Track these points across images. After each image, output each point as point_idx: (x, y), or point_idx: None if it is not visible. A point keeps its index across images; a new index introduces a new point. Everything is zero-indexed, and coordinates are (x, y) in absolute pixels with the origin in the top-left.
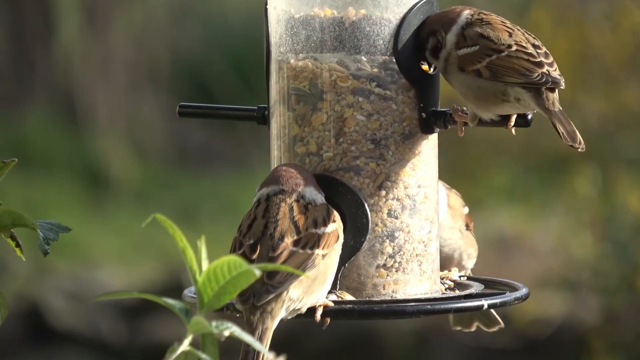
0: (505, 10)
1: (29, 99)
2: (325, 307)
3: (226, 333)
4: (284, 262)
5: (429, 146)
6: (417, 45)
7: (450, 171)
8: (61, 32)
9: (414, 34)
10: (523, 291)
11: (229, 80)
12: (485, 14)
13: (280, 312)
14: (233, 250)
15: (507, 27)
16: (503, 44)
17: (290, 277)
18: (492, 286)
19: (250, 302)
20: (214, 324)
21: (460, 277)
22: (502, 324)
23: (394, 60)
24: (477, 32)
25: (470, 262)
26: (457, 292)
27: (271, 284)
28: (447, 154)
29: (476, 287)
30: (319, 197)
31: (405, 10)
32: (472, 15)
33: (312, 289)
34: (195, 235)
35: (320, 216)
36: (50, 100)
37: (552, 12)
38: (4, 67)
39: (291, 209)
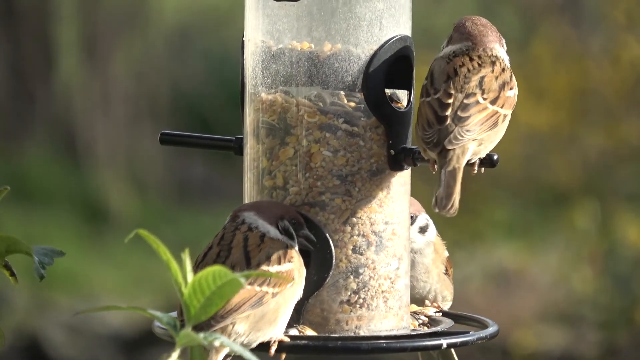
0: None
1: (28, 133)
2: (281, 342)
3: (216, 343)
4: (229, 299)
5: (399, 183)
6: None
7: None
8: (61, 66)
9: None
10: (490, 330)
11: (228, 114)
12: (464, 54)
13: (225, 348)
14: None
15: (456, 69)
16: (434, 88)
17: (233, 312)
18: (465, 322)
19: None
20: (202, 335)
21: (435, 312)
22: None
23: (363, 96)
24: (434, 65)
25: (445, 305)
26: (426, 329)
27: (214, 317)
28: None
29: (446, 324)
30: (273, 231)
31: (376, 47)
32: (462, 50)
33: (259, 326)
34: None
35: (276, 253)
36: (50, 134)
37: (553, 46)
38: (3, 101)
39: (245, 239)
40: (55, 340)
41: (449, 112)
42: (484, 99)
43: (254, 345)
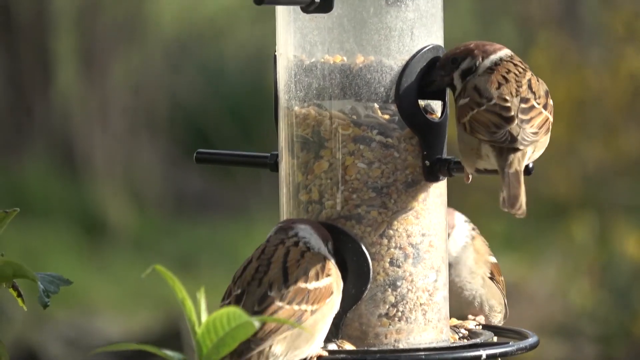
0: None
1: (26, 146)
2: (319, 357)
3: None
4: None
5: (435, 194)
6: (444, 65)
7: None
8: (59, 79)
9: (446, 56)
10: (529, 341)
11: (226, 126)
12: (506, 61)
13: None
14: (222, 300)
15: (505, 76)
16: (486, 97)
17: (272, 334)
18: (505, 335)
19: (233, 358)
20: None
21: (476, 325)
22: None
23: (396, 107)
24: (473, 83)
25: (495, 317)
26: (466, 342)
27: (253, 340)
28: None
29: (485, 336)
30: (323, 249)
31: (408, 57)
32: (503, 57)
33: (297, 344)
34: (194, 283)
35: (314, 268)
36: (48, 147)
37: (551, 57)
38: (1, 114)
39: (286, 254)
40: (53, 354)
41: (513, 113)
42: (538, 104)
43: None
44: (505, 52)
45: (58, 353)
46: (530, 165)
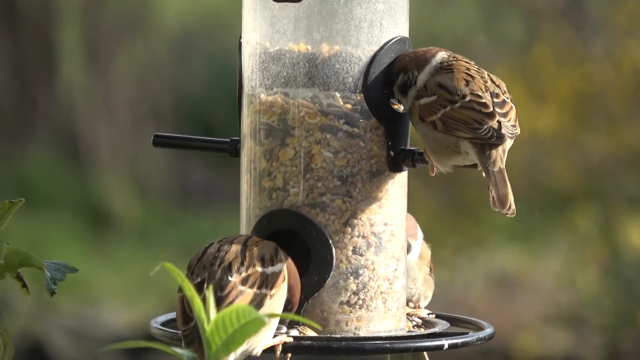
0: (508, 49)
1: (31, 137)
2: (285, 343)
3: None
4: (232, 302)
5: (397, 184)
6: (386, 80)
7: (452, 210)
8: (63, 70)
9: (385, 69)
10: (487, 331)
11: (230, 117)
12: (453, 59)
13: (229, 358)
14: (179, 291)
15: (469, 74)
16: (458, 94)
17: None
18: (459, 324)
19: (196, 344)
20: None
21: (428, 314)
22: None
23: (363, 98)
24: (436, 81)
25: (425, 302)
26: (423, 330)
27: None
28: (448, 193)
29: (442, 326)
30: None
31: (376, 49)
32: (444, 59)
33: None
34: None
35: (268, 253)
36: (52, 138)
37: (555, 50)
38: (6, 105)
39: (248, 237)
40: (58, 345)
41: (492, 109)
42: (507, 98)
43: (256, 351)
44: (442, 54)
45: (63, 343)
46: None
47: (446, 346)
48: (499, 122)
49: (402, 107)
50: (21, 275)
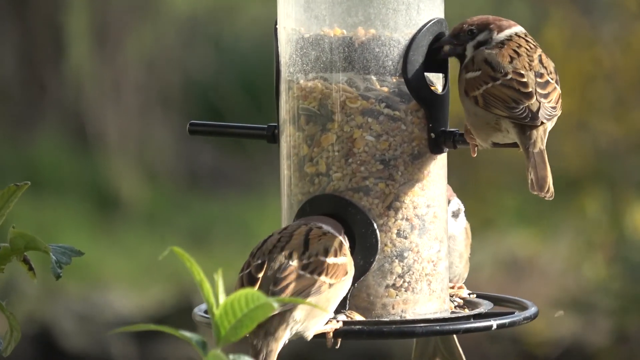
0: None
1: (39, 121)
2: (335, 330)
3: None
4: (289, 284)
5: (438, 166)
6: (459, 34)
7: (461, 192)
8: (71, 54)
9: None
10: (532, 310)
11: (240, 101)
12: (519, 36)
13: (284, 334)
14: (241, 271)
15: (517, 51)
16: (500, 72)
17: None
18: (501, 304)
19: None
20: (231, 357)
21: (469, 294)
22: None
23: (403, 81)
24: (483, 56)
25: (460, 283)
26: (467, 311)
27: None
28: (457, 175)
29: (485, 306)
30: (337, 233)
31: (414, 31)
32: (517, 33)
33: (314, 313)
34: (206, 258)
35: (332, 247)
36: (60, 122)
37: (564, 33)
38: (14, 89)
39: (309, 230)
40: (65, 328)
41: (531, 89)
42: (552, 79)
43: (307, 333)
44: (519, 29)
45: (70, 328)
46: None
47: (494, 326)
48: (539, 103)
49: (440, 89)
50: (28, 259)
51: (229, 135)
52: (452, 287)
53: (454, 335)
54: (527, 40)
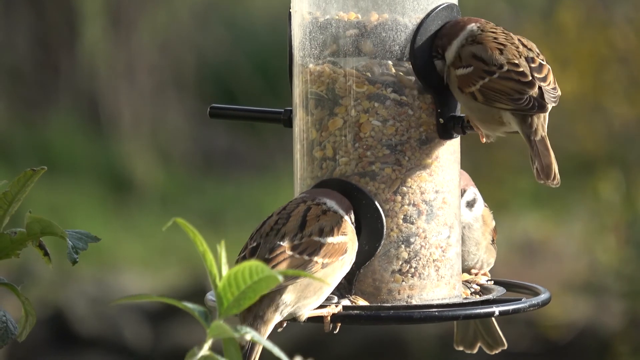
0: (530, 15)
1: (53, 104)
2: (333, 315)
3: (247, 337)
4: (277, 265)
5: (449, 151)
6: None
7: (475, 174)
8: (85, 36)
9: (429, 39)
10: (542, 297)
11: (254, 83)
12: (482, 31)
13: (274, 317)
14: (238, 254)
15: (500, 42)
16: (495, 65)
17: (284, 280)
18: (516, 290)
19: None
20: (233, 328)
21: (487, 280)
22: (506, 346)
23: (410, 65)
24: (470, 51)
25: (487, 269)
26: (478, 297)
27: None
28: (471, 157)
29: (497, 292)
30: (340, 210)
31: (422, 16)
32: (475, 30)
33: (305, 294)
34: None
35: (329, 225)
36: (74, 105)
37: (577, 15)
38: (28, 72)
39: (307, 209)
40: (80, 312)
41: (530, 77)
42: (542, 60)
43: (300, 314)
44: (471, 27)
45: (84, 311)
46: None
47: (496, 313)
48: (540, 89)
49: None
50: (43, 244)
51: (248, 119)
52: (476, 274)
53: (494, 320)
54: (492, 31)
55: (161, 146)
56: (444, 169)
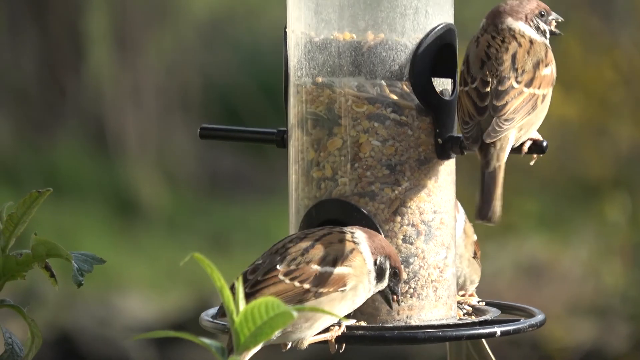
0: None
1: (59, 125)
2: (337, 337)
3: None
4: (263, 289)
5: (446, 172)
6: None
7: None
8: (91, 58)
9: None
10: (538, 318)
11: (259, 105)
12: (485, 31)
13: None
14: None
15: (489, 52)
16: (471, 76)
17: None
18: (509, 312)
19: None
20: None
21: (478, 302)
22: None
23: (410, 85)
24: (468, 50)
25: (472, 288)
26: (474, 318)
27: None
28: (476, 178)
29: (492, 313)
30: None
31: (422, 36)
32: (483, 25)
33: (296, 322)
34: (226, 262)
35: (334, 254)
36: (80, 127)
37: (583, 38)
38: (34, 94)
39: (327, 234)
40: (86, 334)
41: (487, 103)
42: (518, 82)
43: (296, 339)
44: (482, 23)
45: (91, 333)
46: (545, 144)
47: (498, 333)
48: (487, 119)
49: (450, 95)
50: (49, 266)
51: (239, 139)
52: (463, 295)
53: (484, 341)
54: (493, 37)
55: (167, 168)
56: (442, 190)
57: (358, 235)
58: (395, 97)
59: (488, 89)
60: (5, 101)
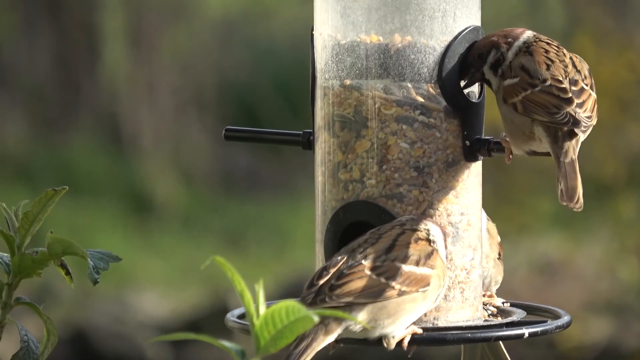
0: (549, 36)
1: (74, 124)
2: (415, 332)
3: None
4: (349, 281)
5: (473, 174)
6: (472, 62)
7: (496, 197)
8: (106, 56)
9: (463, 55)
10: (565, 319)
11: (274, 104)
12: (535, 41)
13: (337, 329)
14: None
15: (549, 57)
16: (539, 78)
17: (352, 295)
18: (534, 313)
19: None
20: None
21: (503, 303)
22: None
23: (438, 88)
24: (520, 62)
25: (495, 288)
26: (500, 320)
27: (329, 294)
28: (492, 180)
29: (518, 314)
30: (438, 243)
31: (450, 39)
32: (529, 39)
33: (378, 316)
34: (241, 260)
35: (417, 254)
36: (95, 125)
37: (596, 38)
38: (49, 92)
39: (400, 234)
40: (101, 332)
41: (571, 95)
42: (586, 85)
43: (372, 336)
44: (528, 34)
45: (106, 331)
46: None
47: (526, 335)
48: (574, 111)
49: (476, 97)
50: (65, 264)
51: (265, 141)
52: (485, 296)
53: (501, 343)
54: (548, 43)
55: (182, 166)
56: (469, 191)
57: (434, 233)
58: (422, 100)
59: (565, 86)
60: (20, 99)
